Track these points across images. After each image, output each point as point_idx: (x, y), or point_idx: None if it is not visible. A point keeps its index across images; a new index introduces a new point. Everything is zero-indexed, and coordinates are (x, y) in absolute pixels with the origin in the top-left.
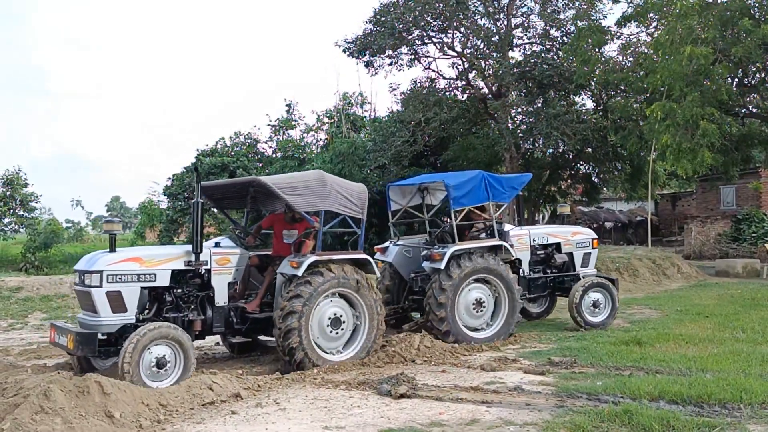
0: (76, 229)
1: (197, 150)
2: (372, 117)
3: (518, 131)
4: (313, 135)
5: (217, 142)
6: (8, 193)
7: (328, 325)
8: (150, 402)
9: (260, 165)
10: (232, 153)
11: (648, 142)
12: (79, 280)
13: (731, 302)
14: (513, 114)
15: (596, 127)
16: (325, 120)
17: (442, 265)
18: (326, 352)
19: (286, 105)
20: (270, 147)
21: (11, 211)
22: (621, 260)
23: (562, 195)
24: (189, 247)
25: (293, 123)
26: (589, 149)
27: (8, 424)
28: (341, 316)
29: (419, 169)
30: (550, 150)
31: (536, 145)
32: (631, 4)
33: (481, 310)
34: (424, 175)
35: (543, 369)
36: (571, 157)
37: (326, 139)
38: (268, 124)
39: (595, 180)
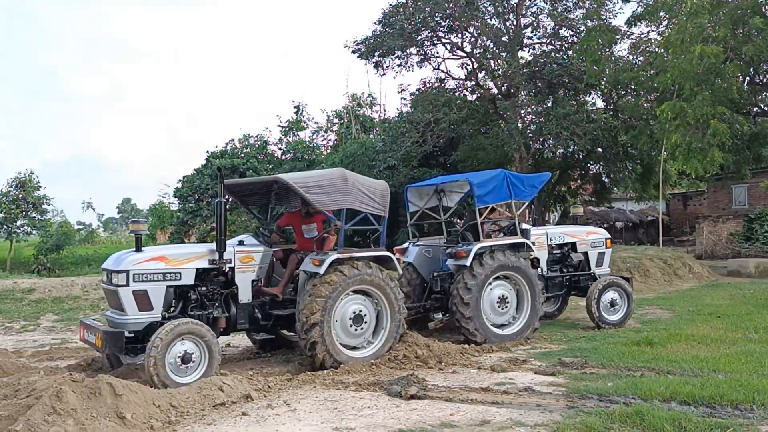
0: (88, 231)
1: (207, 152)
2: (381, 118)
3: (528, 131)
4: (323, 136)
5: (227, 144)
6: (21, 196)
7: (350, 319)
8: (161, 403)
9: (270, 166)
10: (242, 154)
11: (659, 142)
12: (106, 278)
13: (743, 302)
14: (523, 114)
15: (606, 126)
16: (335, 121)
17: (468, 262)
18: (348, 349)
19: (294, 107)
20: (279, 148)
21: (24, 213)
22: (632, 260)
23: (573, 195)
24: (213, 246)
25: (303, 124)
26: (600, 149)
27: (21, 425)
28: (363, 313)
29: (428, 170)
30: (560, 150)
31: (546, 145)
32: (641, 4)
33: (505, 307)
34: (445, 176)
35: (553, 370)
36: (581, 156)
37: (336, 140)
38: (278, 125)
39: (606, 180)
